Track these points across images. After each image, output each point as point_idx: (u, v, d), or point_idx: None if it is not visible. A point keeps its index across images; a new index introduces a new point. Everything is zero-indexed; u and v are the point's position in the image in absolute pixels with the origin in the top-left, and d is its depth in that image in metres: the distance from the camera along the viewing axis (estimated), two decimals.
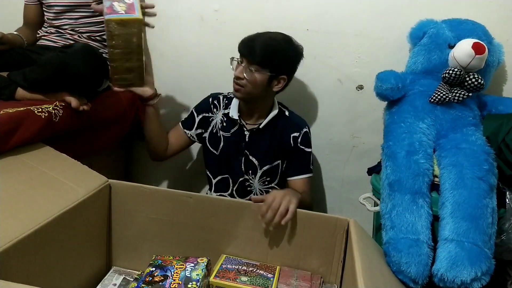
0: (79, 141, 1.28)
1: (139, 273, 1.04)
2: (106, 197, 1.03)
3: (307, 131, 1.34)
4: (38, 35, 1.45)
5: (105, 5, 1.08)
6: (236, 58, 1.23)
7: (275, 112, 1.31)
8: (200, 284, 0.87)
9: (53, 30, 1.42)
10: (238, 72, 1.20)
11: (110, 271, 1.06)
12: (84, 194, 0.93)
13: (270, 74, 1.20)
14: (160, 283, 0.85)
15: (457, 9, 1.34)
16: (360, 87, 1.52)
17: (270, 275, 1.00)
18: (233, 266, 1.01)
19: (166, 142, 1.36)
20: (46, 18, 1.44)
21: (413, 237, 0.99)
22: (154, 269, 0.90)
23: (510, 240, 1.10)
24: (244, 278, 0.97)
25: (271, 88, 1.24)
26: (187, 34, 1.59)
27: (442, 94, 1.18)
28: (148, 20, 1.22)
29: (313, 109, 1.58)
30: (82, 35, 1.41)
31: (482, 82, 1.16)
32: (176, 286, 0.84)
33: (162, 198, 1.04)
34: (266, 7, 1.49)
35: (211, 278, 0.95)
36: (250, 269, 1.01)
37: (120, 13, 1.06)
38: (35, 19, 1.48)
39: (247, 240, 1.06)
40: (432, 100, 1.19)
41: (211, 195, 1.36)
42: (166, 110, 1.71)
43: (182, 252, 1.02)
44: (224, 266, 1.01)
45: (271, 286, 0.96)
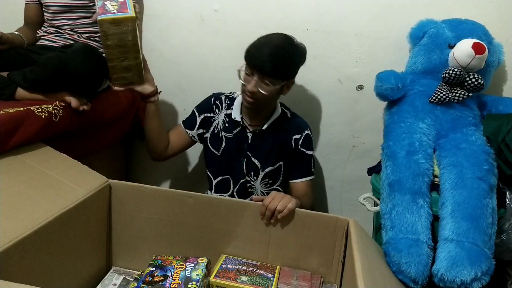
0: (79, 141, 1.28)
1: (139, 273, 1.04)
2: (106, 197, 1.03)
3: (309, 134, 1.33)
4: (38, 35, 1.45)
5: (97, 5, 1.08)
6: (244, 70, 1.20)
7: (278, 113, 1.31)
8: (200, 284, 0.87)
9: (52, 30, 1.42)
10: (252, 87, 1.16)
11: (110, 271, 1.06)
12: (84, 194, 0.93)
13: (282, 83, 1.20)
14: (160, 283, 0.85)
15: (457, 9, 1.34)
16: (360, 87, 1.52)
17: (270, 275, 1.00)
18: (233, 266, 1.01)
19: (166, 141, 1.35)
20: (45, 18, 1.45)
21: (413, 237, 0.99)
22: (154, 269, 0.90)
23: (510, 240, 1.10)
24: (244, 278, 0.97)
25: (282, 93, 1.25)
26: (187, 34, 1.59)
27: (442, 94, 1.18)
28: (147, 20, 1.22)
29: (313, 109, 1.58)
30: (82, 36, 1.41)
31: (482, 82, 1.16)
32: (176, 286, 0.84)
33: (162, 198, 1.04)
34: (266, 7, 1.50)
35: (211, 278, 0.95)
36: (250, 269, 1.01)
37: (112, 12, 1.06)
38: (36, 19, 1.48)
39: (247, 240, 1.06)
40: (432, 100, 1.19)
41: (212, 195, 1.36)
42: (166, 110, 1.71)
43: (182, 252, 1.02)
44: (224, 266, 1.01)
45: (271, 286, 0.96)
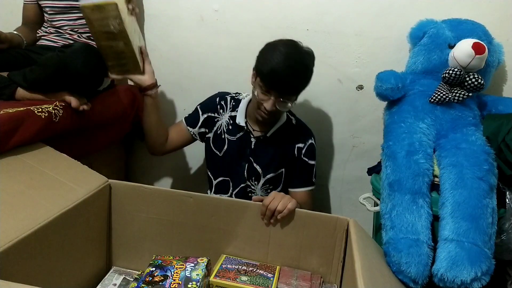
0: (79, 141, 1.28)
1: (139, 273, 1.04)
2: (106, 197, 1.03)
3: (313, 143, 1.31)
4: (38, 35, 1.45)
5: None
6: (258, 84, 1.15)
7: (283, 120, 1.28)
8: (200, 284, 0.87)
9: (52, 30, 1.42)
10: (270, 106, 1.14)
11: (110, 271, 1.06)
12: (84, 194, 0.93)
13: (297, 96, 1.20)
14: (160, 283, 0.85)
15: (457, 9, 1.34)
16: (360, 87, 1.52)
17: (270, 275, 1.00)
18: (233, 266, 1.01)
19: (165, 136, 1.33)
20: (45, 18, 1.45)
21: (413, 237, 0.99)
22: (154, 269, 0.90)
23: (510, 240, 1.10)
24: (244, 278, 0.97)
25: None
26: (187, 34, 1.59)
27: (442, 94, 1.18)
28: (147, 20, 1.21)
29: (313, 109, 1.58)
30: (82, 35, 1.41)
31: (482, 82, 1.16)
32: (176, 286, 0.84)
33: (162, 198, 1.04)
34: (266, 7, 1.50)
35: (211, 278, 0.95)
36: (250, 269, 1.01)
37: None
38: (34, 19, 1.48)
39: (247, 240, 1.06)
40: (432, 100, 1.19)
41: (212, 195, 1.36)
42: (166, 110, 1.71)
43: (182, 252, 1.02)
44: (224, 266, 1.01)
45: (271, 286, 0.96)
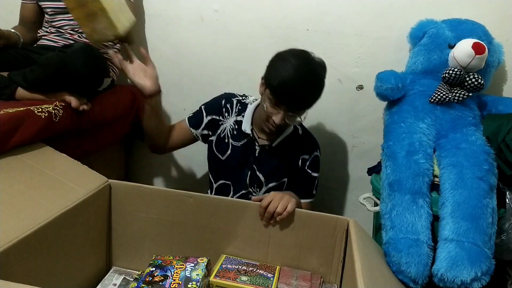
0: (79, 141, 1.28)
1: (139, 273, 1.04)
2: (106, 197, 1.03)
3: (318, 155, 1.28)
4: (38, 35, 1.45)
5: None
6: (267, 96, 1.11)
7: (290, 130, 1.26)
8: (200, 284, 0.87)
9: (53, 30, 1.42)
10: (279, 120, 1.11)
11: (110, 271, 1.06)
12: (84, 194, 0.93)
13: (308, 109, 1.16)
14: (160, 283, 0.85)
15: (457, 9, 1.34)
16: (360, 87, 1.52)
17: (270, 275, 1.00)
18: (233, 266, 1.01)
19: (166, 137, 1.29)
20: (45, 19, 1.45)
21: (413, 237, 0.99)
22: (154, 269, 0.90)
23: (510, 240, 1.10)
24: (244, 278, 0.97)
25: None
26: (187, 34, 1.59)
27: (442, 94, 1.18)
28: (147, 20, 1.20)
29: (313, 109, 1.58)
30: (82, 35, 1.41)
31: (482, 82, 1.16)
32: (176, 286, 0.84)
33: (162, 198, 1.04)
34: (266, 7, 1.50)
35: (211, 278, 0.95)
36: (250, 269, 1.01)
37: None
38: (32, 18, 1.47)
39: (247, 240, 1.06)
40: (432, 100, 1.19)
41: (212, 195, 1.35)
42: (166, 110, 1.71)
43: (182, 252, 1.02)
44: (224, 266, 1.01)
45: (271, 286, 0.96)
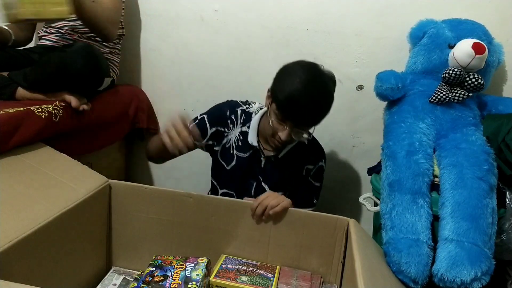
0: (79, 141, 1.28)
1: (139, 273, 1.04)
2: (106, 197, 1.03)
3: (322, 165, 1.26)
4: (38, 35, 1.45)
5: None
6: (273, 111, 1.07)
7: (296, 141, 1.22)
8: (200, 284, 0.87)
9: (53, 30, 1.42)
10: (285, 137, 1.08)
11: (110, 271, 1.06)
12: (84, 194, 0.93)
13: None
14: (160, 283, 0.85)
15: (457, 9, 1.34)
16: (360, 87, 1.52)
17: (270, 275, 1.00)
18: (233, 266, 1.01)
19: (167, 159, 1.27)
20: None
21: (413, 237, 0.99)
22: (154, 269, 0.90)
23: (510, 240, 1.10)
24: (244, 278, 0.97)
25: None
26: (187, 34, 1.59)
27: (442, 94, 1.18)
28: (147, 20, 1.19)
29: None
30: (82, 35, 1.41)
31: (482, 82, 1.16)
32: (176, 286, 0.84)
33: (162, 198, 1.04)
34: (266, 7, 1.50)
35: (211, 278, 0.95)
36: (250, 269, 1.01)
37: None
38: None
39: (247, 240, 1.06)
40: (432, 100, 1.19)
41: (212, 195, 1.35)
42: (166, 110, 1.71)
43: (182, 252, 1.02)
44: (224, 266, 1.01)
45: (271, 286, 0.96)
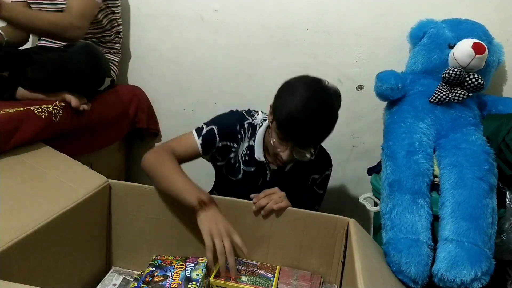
0: (79, 141, 1.28)
1: (139, 273, 1.04)
2: (106, 197, 1.03)
3: (328, 174, 1.24)
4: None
5: None
6: (274, 129, 1.03)
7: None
8: (200, 284, 0.87)
9: None
10: (286, 157, 1.04)
11: (110, 271, 1.06)
12: (84, 194, 0.93)
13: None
14: (160, 283, 0.85)
15: (457, 9, 1.34)
16: (360, 87, 1.52)
17: (270, 275, 0.99)
18: None
19: None
20: None
21: (413, 237, 0.99)
22: (154, 269, 0.90)
23: (510, 240, 1.10)
24: (244, 278, 0.97)
25: None
26: (187, 34, 1.59)
27: (442, 94, 1.18)
28: (147, 20, 1.20)
29: None
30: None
31: (482, 82, 1.16)
32: (176, 286, 0.84)
33: (162, 198, 1.04)
34: (266, 7, 1.50)
35: (211, 278, 0.95)
36: (250, 269, 1.01)
37: None
38: None
39: (247, 240, 1.05)
40: (432, 100, 1.19)
41: (211, 195, 1.35)
42: (166, 110, 1.71)
43: (182, 252, 1.02)
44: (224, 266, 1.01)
45: (271, 286, 0.96)
